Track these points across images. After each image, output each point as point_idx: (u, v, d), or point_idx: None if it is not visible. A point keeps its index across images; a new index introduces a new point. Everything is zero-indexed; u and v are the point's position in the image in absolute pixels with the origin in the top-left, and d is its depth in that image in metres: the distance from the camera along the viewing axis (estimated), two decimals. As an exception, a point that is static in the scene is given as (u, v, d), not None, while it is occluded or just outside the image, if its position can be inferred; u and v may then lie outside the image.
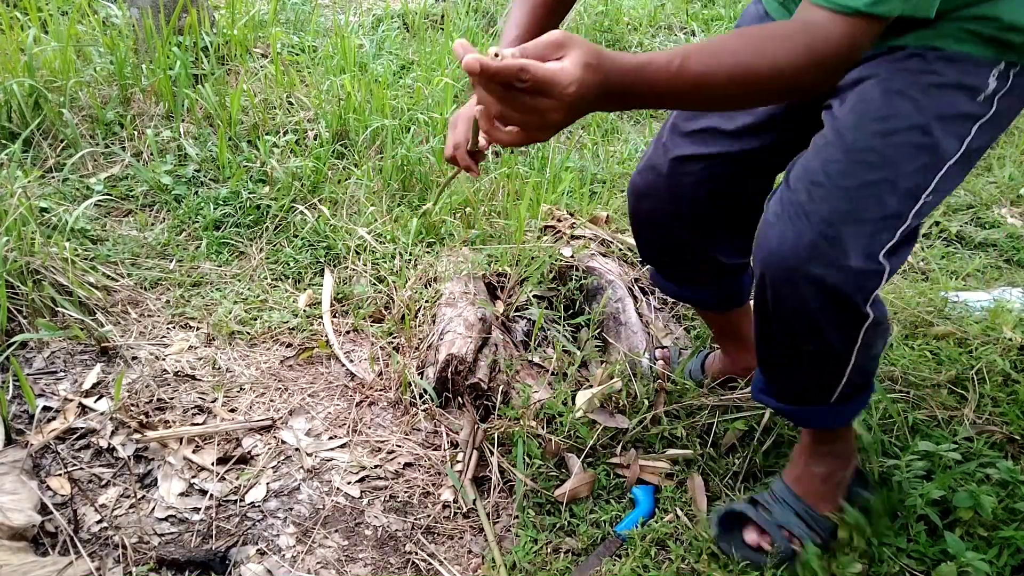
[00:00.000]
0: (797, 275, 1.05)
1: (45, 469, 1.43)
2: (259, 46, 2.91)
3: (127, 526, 1.36)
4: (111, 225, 2.07)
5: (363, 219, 2.14)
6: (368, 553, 1.39)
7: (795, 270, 1.05)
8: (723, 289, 1.53)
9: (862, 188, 1.04)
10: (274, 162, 2.23)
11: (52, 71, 2.40)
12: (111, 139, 2.34)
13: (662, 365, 1.73)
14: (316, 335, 1.84)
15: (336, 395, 1.71)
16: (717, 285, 1.52)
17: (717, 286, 1.53)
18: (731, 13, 3.66)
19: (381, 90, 2.53)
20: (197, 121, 2.42)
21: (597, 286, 1.94)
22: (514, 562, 1.38)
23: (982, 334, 1.81)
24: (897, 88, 1.06)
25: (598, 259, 2.01)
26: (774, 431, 1.58)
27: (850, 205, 1.03)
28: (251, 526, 1.41)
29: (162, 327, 1.80)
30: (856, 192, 1.03)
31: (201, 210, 2.12)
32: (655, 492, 1.51)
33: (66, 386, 1.60)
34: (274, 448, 1.56)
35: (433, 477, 1.55)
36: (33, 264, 1.74)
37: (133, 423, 1.53)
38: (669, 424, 1.59)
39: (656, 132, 1.51)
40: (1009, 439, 1.59)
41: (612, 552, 1.40)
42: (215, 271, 1.98)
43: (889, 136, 1.04)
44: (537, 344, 1.86)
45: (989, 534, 1.35)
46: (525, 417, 1.59)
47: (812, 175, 1.06)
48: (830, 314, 1.07)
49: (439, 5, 3.55)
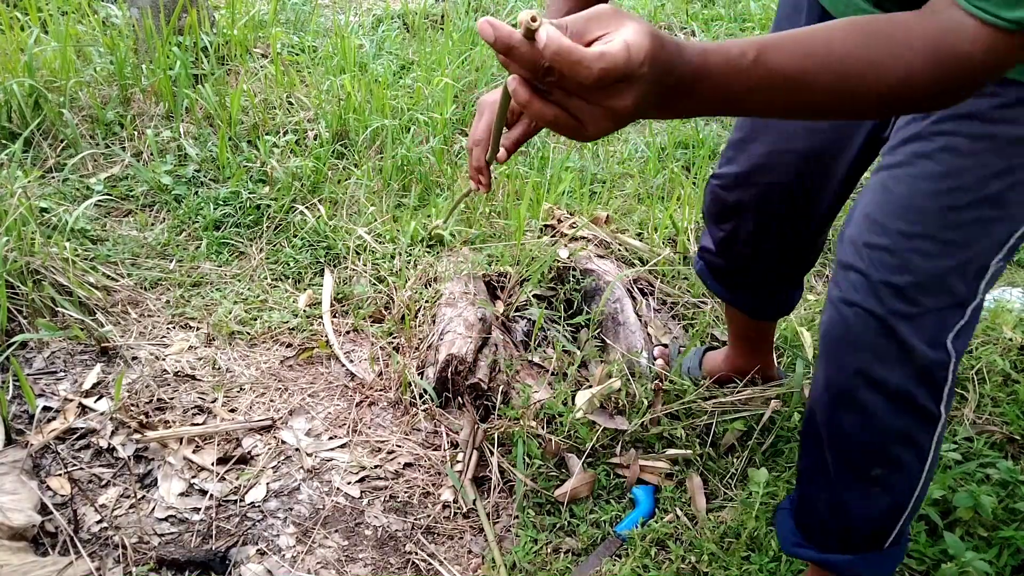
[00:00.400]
0: (856, 382, 0.96)
1: (45, 469, 1.43)
2: (259, 46, 2.91)
3: (127, 526, 1.36)
4: (111, 225, 2.07)
5: (363, 219, 2.14)
6: (368, 553, 1.39)
7: (853, 375, 0.96)
8: (774, 299, 1.50)
9: (923, 272, 0.92)
10: (274, 162, 2.23)
11: (52, 71, 2.40)
12: (111, 139, 2.34)
13: (661, 364, 1.73)
14: (316, 335, 1.84)
15: (336, 395, 1.71)
16: (769, 293, 1.48)
17: (769, 294, 1.48)
18: (731, 13, 3.66)
19: (381, 90, 2.53)
20: (197, 121, 2.42)
21: (595, 287, 1.94)
22: (514, 562, 1.38)
23: (982, 334, 1.81)
24: (968, 146, 0.91)
25: (595, 261, 2.01)
26: (773, 431, 1.58)
27: (912, 292, 0.92)
28: (251, 526, 1.41)
29: (162, 327, 1.80)
30: (918, 276, 0.92)
31: (201, 210, 2.12)
32: (655, 492, 1.51)
33: (66, 386, 1.60)
34: (274, 448, 1.56)
35: (433, 477, 1.55)
36: (33, 264, 1.74)
37: (133, 423, 1.53)
38: (669, 424, 1.59)
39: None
40: (1009, 439, 1.59)
41: (612, 552, 1.40)
42: (215, 271, 1.98)
43: (957, 212, 0.91)
44: (537, 344, 1.86)
45: (989, 534, 1.35)
46: (525, 417, 1.59)
47: (864, 255, 0.95)
48: (897, 422, 0.97)
49: (439, 5, 3.55)
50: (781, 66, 0.66)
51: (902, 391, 0.95)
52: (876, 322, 0.94)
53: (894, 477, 1.02)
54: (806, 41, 0.68)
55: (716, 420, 1.59)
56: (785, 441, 1.59)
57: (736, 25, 3.57)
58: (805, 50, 0.67)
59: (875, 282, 0.94)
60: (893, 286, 0.93)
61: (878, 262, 0.94)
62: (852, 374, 0.97)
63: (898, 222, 0.94)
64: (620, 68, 0.58)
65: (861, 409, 0.98)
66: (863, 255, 0.96)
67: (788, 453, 1.57)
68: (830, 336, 1.00)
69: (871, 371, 0.95)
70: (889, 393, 0.95)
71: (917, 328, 0.92)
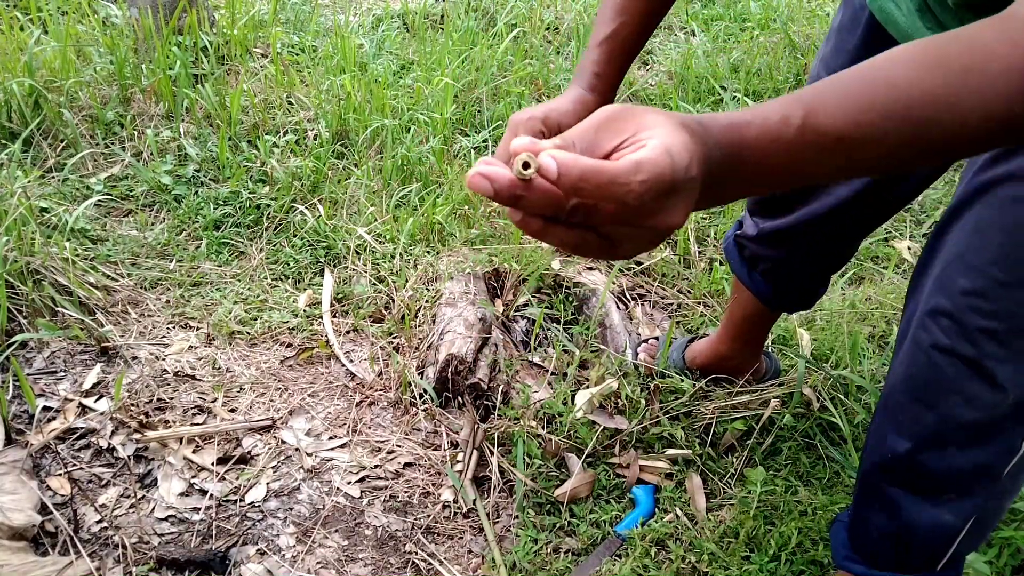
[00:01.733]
0: (945, 427, 0.96)
1: (45, 469, 1.43)
2: (259, 46, 2.91)
3: (127, 526, 1.36)
4: (111, 225, 2.07)
5: (363, 219, 2.14)
6: (368, 553, 1.39)
7: (942, 421, 0.96)
8: (799, 293, 1.46)
9: (1020, 319, 0.89)
10: (274, 162, 2.23)
11: (52, 71, 2.40)
12: (111, 139, 2.34)
13: (644, 358, 1.72)
14: (316, 335, 1.84)
15: (336, 395, 1.71)
16: (795, 287, 1.45)
17: (795, 288, 1.45)
18: (731, 13, 3.65)
19: (381, 90, 2.53)
20: (197, 121, 2.42)
21: (585, 296, 1.96)
22: (514, 562, 1.38)
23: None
24: None
25: (584, 274, 2.02)
26: (772, 431, 1.58)
27: (1006, 336, 0.89)
28: (251, 526, 1.41)
29: (162, 327, 1.80)
30: (1014, 323, 0.89)
31: (201, 210, 2.13)
32: (655, 492, 1.51)
33: (66, 386, 1.60)
34: (274, 448, 1.56)
35: (433, 477, 1.55)
36: (33, 264, 1.74)
37: (133, 423, 1.53)
38: (668, 424, 1.59)
39: None
40: (1009, 439, 1.59)
41: (612, 552, 1.40)
42: (215, 271, 1.98)
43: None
44: (537, 344, 1.87)
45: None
46: (525, 417, 1.59)
47: (959, 302, 0.91)
48: (980, 456, 0.95)
49: (439, 5, 3.55)
50: (836, 127, 0.53)
51: (990, 429, 0.94)
52: (969, 367, 0.92)
53: (964, 503, 1.01)
54: (862, 91, 0.54)
55: (716, 420, 1.59)
56: (784, 440, 1.59)
57: (736, 25, 3.57)
58: (861, 103, 0.54)
59: (971, 330, 0.91)
60: (989, 332, 0.91)
61: (973, 308, 0.91)
62: (941, 419, 0.97)
63: (994, 268, 0.89)
64: (667, 178, 0.47)
65: (943, 447, 0.97)
66: (957, 302, 0.92)
67: (787, 452, 1.57)
68: (915, 381, 0.98)
69: (962, 416, 0.94)
70: (978, 431, 0.94)
71: (1012, 369, 0.90)
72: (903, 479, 1.04)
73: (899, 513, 1.05)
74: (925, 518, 1.03)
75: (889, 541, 1.08)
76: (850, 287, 2.06)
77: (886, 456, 1.04)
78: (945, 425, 0.96)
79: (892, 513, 1.06)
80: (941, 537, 1.04)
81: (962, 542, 1.04)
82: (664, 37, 3.55)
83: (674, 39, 3.51)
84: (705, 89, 2.94)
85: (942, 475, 1.00)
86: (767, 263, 1.43)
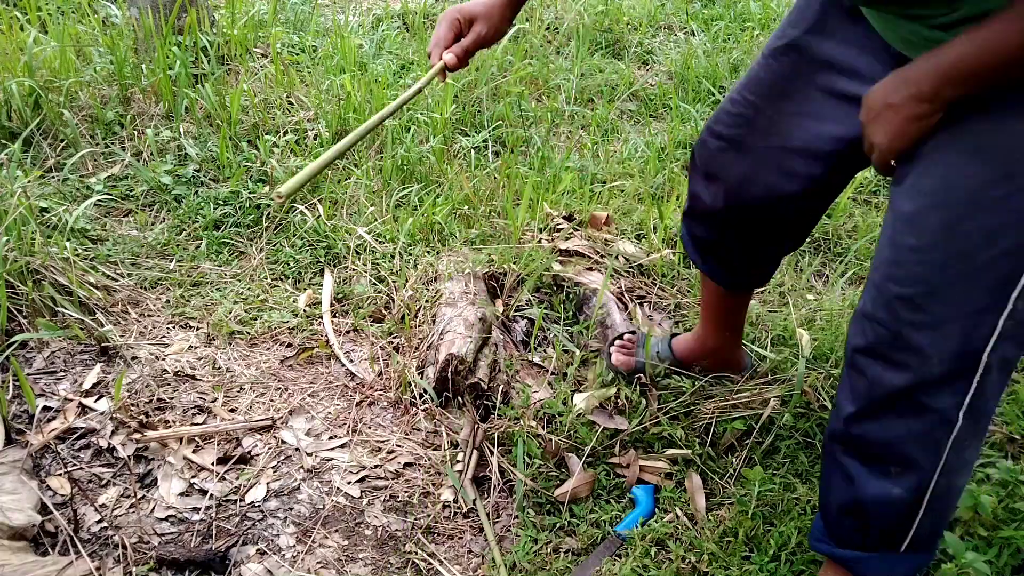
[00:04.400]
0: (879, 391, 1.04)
1: (45, 469, 1.44)
2: (259, 46, 2.91)
3: (127, 526, 1.36)
4: (111, 225, 2.07)
5: (363, 219, 2.14)
6: (368, 553, 1.39)
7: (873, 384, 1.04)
8: (751, 273, 1.48)
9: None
10: (274, 162, 2.23)
11: (52, 71, 2.40)
12: (111, 139, 2.34)
13: (618, 359, 1.69)
14: (316, 335, 1.84)
15: (336, 395, 1.71)
16: (747, 267, 1.46)
17: (746, 268, 1.46)
18: (731, 13, 3.66)
19: (381, 90, 2.53)
20: (197, 121, 2.42)
21: (585, 296, 1.96)
22: (514, 562, 1.38)
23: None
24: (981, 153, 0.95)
25: (584, 275, 2.02)
26: (772, 431, 1.58)
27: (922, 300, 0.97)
28: (251, 526, 1.41)
29: (162, 327, 1.80)
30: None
31: (201, 210, 2.13)
32: (655, 492, 1.51)
33: (66, 386, 1.60)
34: (274, 448, 1.56)
35: (433, 477, 1.55)
36: (33, 264, 1.74)
37: (133, 423, 1.53)
38: (668, 424, 1.59)
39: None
40: (1009, 439, 1.59)
41: (612, 552, 1.40)
42: (215, 271, 1.98)
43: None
44: (537, 344, 1.87)
45: (989, 534, 1.35)
46: (525, 417, 1.59)
47: (890, 289, 1.01)
48: (916, 425, 1.03)
49: (439, 5, 3.55)
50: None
51: (921, 397, 1.00)
52: (891, 334, 1.00)
53: (910, 476, 1.05)
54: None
55: (715, 420, 1.59)
56: (783, 440, 1.59)
57: (736, 25, 3.57)
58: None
59: (890, 298, 1.00)
60: (904, 298, 0.99)
61: (889, 277, 1.01)
62: (871, 384, 1.04)
63: (907, 237, 1.00)
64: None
65: (878, 415, 1.04)
66: (880, 272, 1.03)
67: (787, 452, 1.57)
68: (854, 347, 1.06)
69: (891, 381, 1.01)
70: (910, 398, 1.01)
71: (930, 335, 0.97)
72: (853, 446, 1.09)
73: (853, 482, 1.10)
74: (874, 489, 1.08)
75: (849, 518, 1.13)
76: (850, 287, 2.06)
77: (840, 420, 1.10)
78: (876, 389, 1.03)
79: (848, 482, 1.11)
80: (895, 513, 1.08)
81: (921, 523, 1.08)
82: (664, 37, 3.55)
83: (674, 39, 3.51)
84: (705, 89, 2.94)
85: (883, 444, 1.06)
86: (706, 244, 1.44)
